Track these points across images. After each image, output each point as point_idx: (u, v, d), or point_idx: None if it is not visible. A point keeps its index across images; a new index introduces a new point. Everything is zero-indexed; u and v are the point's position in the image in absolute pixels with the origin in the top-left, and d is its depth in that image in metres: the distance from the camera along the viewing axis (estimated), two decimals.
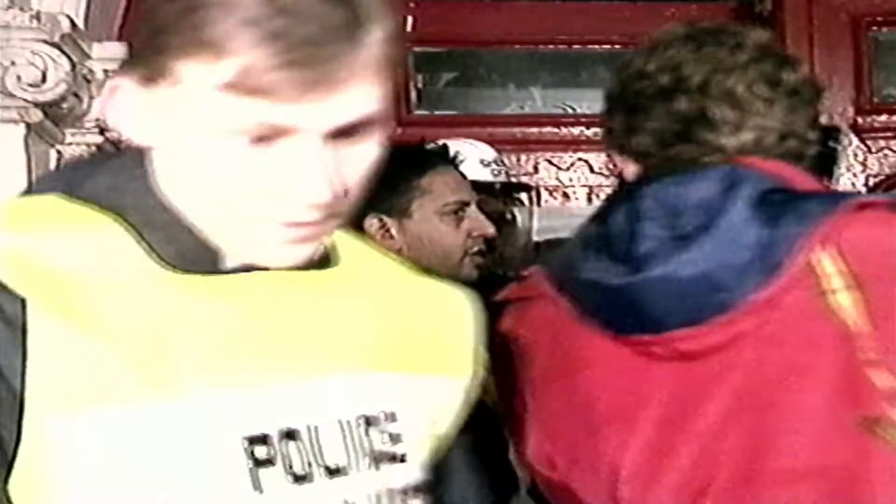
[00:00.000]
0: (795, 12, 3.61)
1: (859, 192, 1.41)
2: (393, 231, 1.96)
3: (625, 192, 1.28)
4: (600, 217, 1.28)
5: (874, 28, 3.69)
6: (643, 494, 1.25)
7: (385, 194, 1.91)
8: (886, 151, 3.68)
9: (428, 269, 1.80)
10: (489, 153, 2.66)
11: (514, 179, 2.78)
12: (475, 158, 2.60)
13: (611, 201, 1.30)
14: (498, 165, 2.65)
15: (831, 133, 1.44)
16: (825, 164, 1.40)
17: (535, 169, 3.70)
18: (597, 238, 1.27)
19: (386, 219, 1.96)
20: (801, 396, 1.18)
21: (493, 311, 1.29)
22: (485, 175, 2.56)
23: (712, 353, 1.20)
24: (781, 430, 1.18)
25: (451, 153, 2.06)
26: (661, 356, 1.22)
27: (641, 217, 1.23)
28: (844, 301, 1.16)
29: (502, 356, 1.32)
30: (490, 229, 1.99)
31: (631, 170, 1.32)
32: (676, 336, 1.20)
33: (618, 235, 1.24)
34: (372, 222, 1.95)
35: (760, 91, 1.26)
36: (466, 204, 2.00)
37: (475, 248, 1.99)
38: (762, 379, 1.19)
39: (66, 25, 2.95)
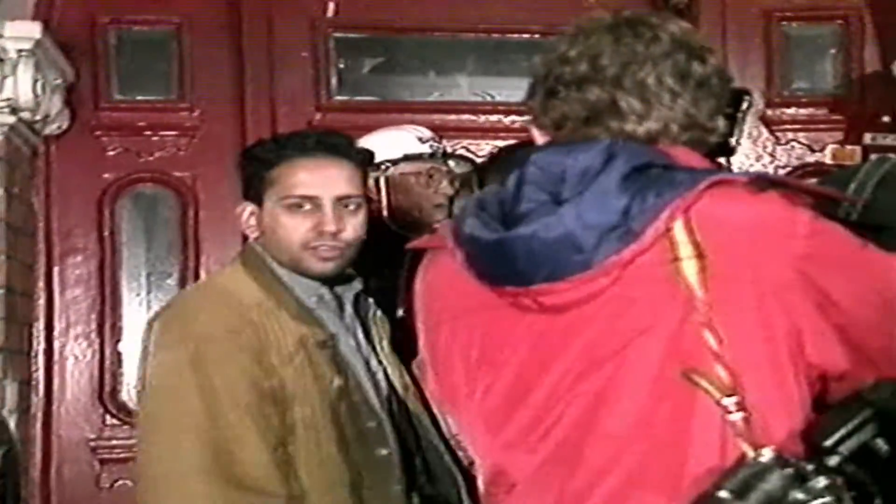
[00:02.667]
0: (709, 5, 3.69)
1: (726, 170, 1.43)
2: (253, 219, 2.09)
3: (523, 159, 1.36)
4: (502, 181, 1.38)
5: (785, 22, 3.78)
6: (496, 433, 1.35)
7: (250, 183, 2.08)
8: (794, 143, 3.77)
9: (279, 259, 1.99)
10: (425, 132, 2.81)
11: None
12: (413, 137, 2.76)
13: (514, 167, 1.37)
14: (435, 142, 2.79)
15: (741, 95, 1.50)
16: (731, 126, 1.47)
17: None
18: (492, 198, 1.37)
19: (251, 206, 2.09)
20: (644, 350, 1.27)
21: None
22: (423, 149, 2.72)
23: (571, 308, 1.29)
24: (624, 380, 1.28)
25: (332, 143, 2.10)
26: (528, 308, 1.31)
27: (525, 181, 1.32)
28: (689, 268, 1.26)
29: (414, 300, 1.46)
30: (330, 226, 2.02)
31: (543, 142, 1.41)
32: (540, 290, 1.29)
33: (505, 197, 1.34)
34: (243, 207, 2.10)
35: (669, 83, 1.34)
36: (312, 199, 2.04)
37: (317, 243, 2.03)
38: (612, 334, 1.28)
39: None
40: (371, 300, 2.16)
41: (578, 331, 1.30)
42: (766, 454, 1.22)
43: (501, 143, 3.44)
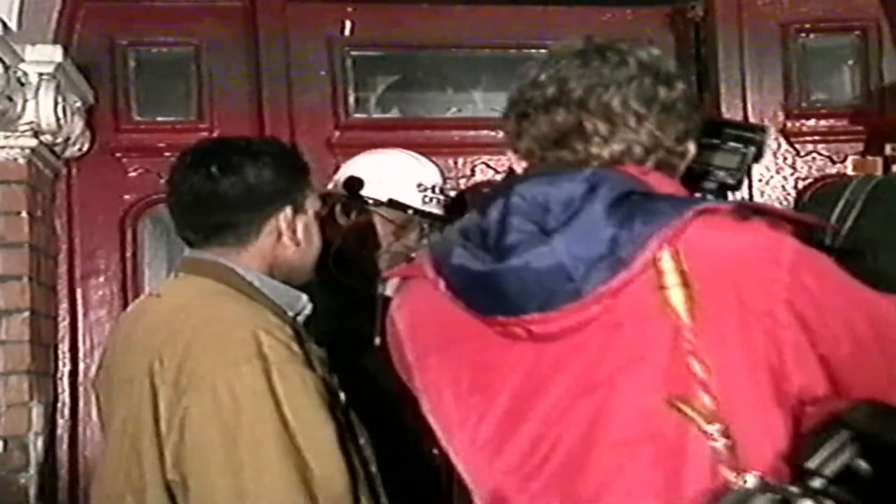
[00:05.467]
0: (726, 19, 3.67)
1: (707, 199, 1.50)
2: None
3: (500, 189, 1.38)
4: (480, 210, 1.39)
5: (802, 35, 3.76)
6: (492, 461, 1.37)
7: (295, 185, 2.08)
8: (814, 155, 3.74)
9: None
10: (430, 176, 2.67)
11: (438, 211, 2.71)
12: (412, 180, 2.63)
13: (489, 196, 1.39)
14: (433, 193, 2.67)
15: (755, 130, 1.57)
16: (756, 157, 1.55)
17: (472, 172, 3.73)
18: (472, 228, 1.38)
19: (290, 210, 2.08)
20: (635, 378, 1.30)
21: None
22: (413, 201, 2.61)
23: (562, 337, 1.32)
24: (616, 406, 1.30)
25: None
26: (519, 337, 1.34)
27: (511, 212, 1.34)
28: (676, 296, 1.28)
29: (392, 332, 1.47)
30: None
31: (521, 167, 1.45)
32: (531, 319, 1.32)
33: (489, 227, 1.35)
34: (285, 212, 2.06)
35: (634, 106, 1.38)
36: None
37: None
38: (604, 361, 1.31)
39: None
40: None
41: (570, 358, 1.32)
42: (751, 480, 1.25)
43: None
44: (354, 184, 2.61)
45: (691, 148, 1.43)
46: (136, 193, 3.62)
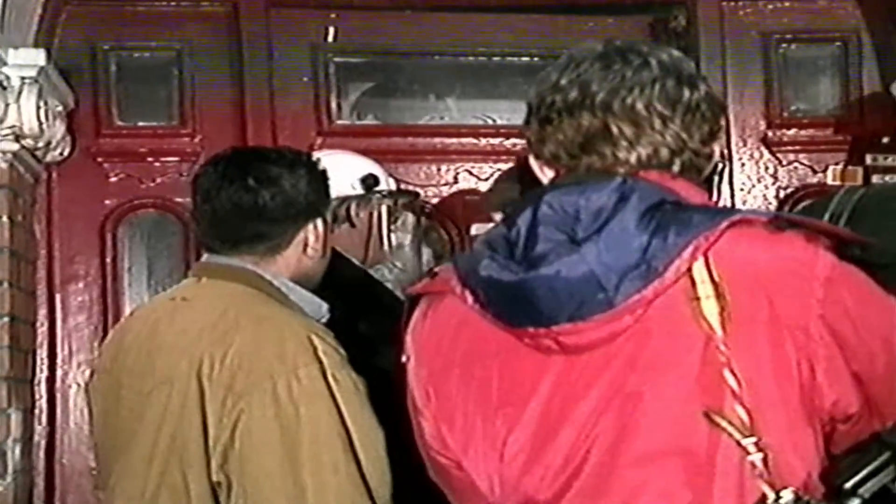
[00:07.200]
0: (708, 29, 3.70)
1: (739, 210, 1.44)
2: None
3: (529, 199, 1.36)
4: (507, 221, 1.38)
5: (784, 45, 3.79)
6: (523, 475, 1.34)
7: (322, 195, 2.09)
8: (796, 164, 3.77)
9: None
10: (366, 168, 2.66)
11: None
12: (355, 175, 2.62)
13: (519, 206, 1.38)
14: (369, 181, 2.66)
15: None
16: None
17: (455, 179, 3.74)
18: (500, 239, 1.36)
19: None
20: (665, 389, 1.28)
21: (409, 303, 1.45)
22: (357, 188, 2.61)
23: (594, 347, 1.30)
24: (644, 418, 1.28)
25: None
26: (549, 348, 1.32)
27: (540, 221, 1.33)
28: (708, 307, 1.27)
29: (413, 347, 1.45)
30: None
31: (546, 173, 1.42)
32: (562, 330, 1.30)
33: (518, 237, 1.34)
34: (314, 223, 2.07)
35: (659, 108, 1.35)
36: None
37: None
38: (634, 372, 1.29)
39: None
40: None
41: (600, 370, 1.30)
42: (786, 496, 1.24)
43: (503, 167, 3.44)
44: (369, 179, 2.61)
45: (717, 149, 1.42)
46: (116, 198, 3.61)
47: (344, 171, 2.56)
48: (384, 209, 2.59)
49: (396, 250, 2.77)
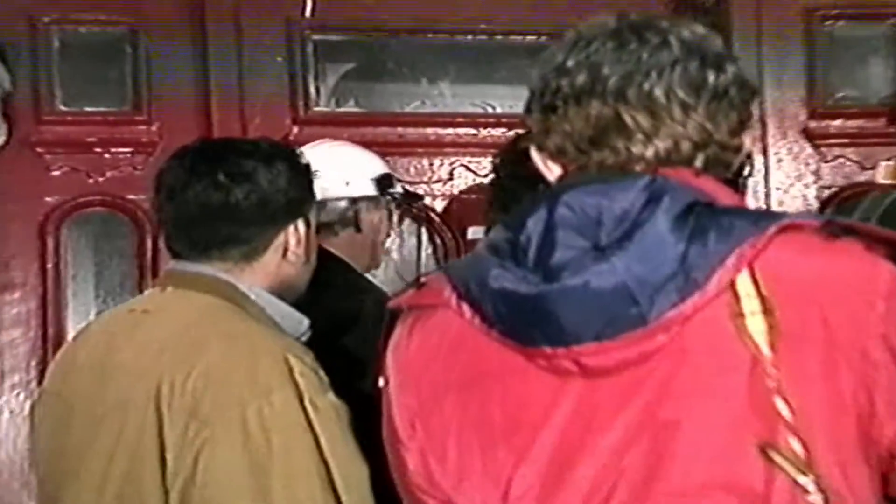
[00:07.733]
0: (742, 4, 3.58)
1: (786, 213, 1.38)
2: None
3: (540, 199, 1.32)
4: (512, 223, 1.33)
5: (829, 22, 3.66)
6: None
7: (308, 195, 2.05)
8: (842, 160, 3.65)
9: None
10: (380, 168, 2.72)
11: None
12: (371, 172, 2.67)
13: (524, 207, 1.33)
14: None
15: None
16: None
17: (451, 175, 3.64)
18: (506, 245, 1.32)
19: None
20: (706, 417, 1.24)
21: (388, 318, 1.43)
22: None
23: (621, 370, 1.26)
24: (683, 450, 1.25)
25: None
26: (566, 371, 1.28)
27: (557, 225, 1.29)
28: (755, 325, 1.23)
29: (395, 369, 1.40)
30: None
31: (551, 168, 1.39)
32: (584, 350, 1.26)
33: (528, 242, 1.30)
34: (295, 225, 2.03)
35: (680, 95, 1.32)
36: None
37: None
38: (667, 398, 1.25)
39: None
40: None
41: (628, 396, 1.27)
42: None
43: None
44: (384, 181, 2.63)
45: (747, 142, 1.38)
46: (59, 195, 3.48)
47: (356, 168, 2.58)
48: (394, 214, 2.63)
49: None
